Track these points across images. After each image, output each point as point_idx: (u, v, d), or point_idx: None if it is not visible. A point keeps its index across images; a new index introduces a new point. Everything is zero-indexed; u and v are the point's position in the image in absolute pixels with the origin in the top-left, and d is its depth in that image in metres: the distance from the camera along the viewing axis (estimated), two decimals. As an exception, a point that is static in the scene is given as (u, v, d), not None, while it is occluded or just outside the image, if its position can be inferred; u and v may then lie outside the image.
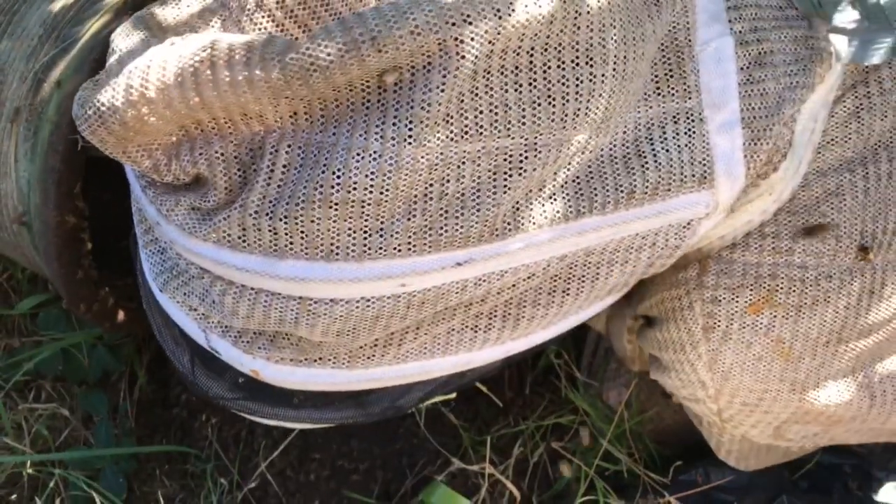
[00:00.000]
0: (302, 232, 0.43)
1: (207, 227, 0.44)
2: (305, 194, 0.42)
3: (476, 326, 0.50)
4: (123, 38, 0.47)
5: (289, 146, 0.43)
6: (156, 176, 0.45)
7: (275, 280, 0.45)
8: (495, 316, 0.49)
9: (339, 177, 0.41)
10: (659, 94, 0.47)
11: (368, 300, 0.45)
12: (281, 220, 0.43)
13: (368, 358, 0.50)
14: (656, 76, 0.47)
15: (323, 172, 0.42)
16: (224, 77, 0.40)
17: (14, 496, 0.76)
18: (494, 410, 0.82)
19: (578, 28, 0.43)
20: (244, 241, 0.44)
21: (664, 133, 0.47)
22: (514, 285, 0.47)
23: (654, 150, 0.47)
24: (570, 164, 0.45)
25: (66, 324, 0.81)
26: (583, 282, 0.49)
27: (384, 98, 0.41)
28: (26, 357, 0.79)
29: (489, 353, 0.51)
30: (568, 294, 0.49)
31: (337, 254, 0.43)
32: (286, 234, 0.43)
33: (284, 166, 0.43)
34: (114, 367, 0.82)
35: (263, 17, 0.44)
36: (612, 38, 0.44)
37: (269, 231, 0.43)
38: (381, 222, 0.43)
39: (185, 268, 0.48)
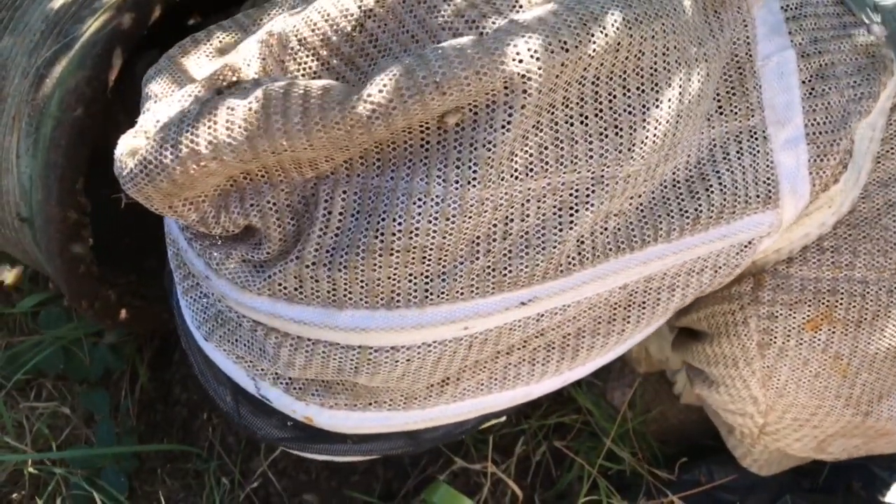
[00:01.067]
0: (362, 281, 0.41)
1: (261, 280, 0.43)
2: (365, 242, 0.40)
3: (534, 360, 0.48)
4: (158, 83, 0.45)
5: (344, 192, 0.41)
6: (203, 229, 0.43)
7: (334, 331, 0.43)
8: (553, 348, 0.48)
9: (399, 223, 0.40)
10: (721, 114, 0.46)
11: (430, 345, 0.43)
12: (340, 270, 0.41)
13: (425, 399, 0.48)
14: (718, 95, 0.46)
15: (382, 219, 0.40)
16: (278, 128, 0.38)
17: (15, 495, 0.76)
18: (498, 409, 0.82)
19: (643, 53, 0.41)
20: (301, 293, 0.42)
21: (727, 154, 0.45)
22: (574, 318, 0.46)
23: (717, 171, 0.45)
24: (635, 193, 0.43)
25: (67, 322, 0.81)
26: (643, 308, 0.48)
27: (445, 139, 0.39)
28: (27, 355, 0.79)
29: (547, 384, 0.50)
30: (628, 321, 0.48)
31: (398, 301, 0.42)
32: (345, 284, 0.41)
33: (341, 214, 0.41)
34: (115, 366, 0.82)
35: (307, 55, 0.42)
36: (675, 62, 0.42)
37: (328, 282, 0.41)
38: (444, 266, 0.41)
39: (235, 319, 0.46)
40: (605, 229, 0.43)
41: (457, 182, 0.39)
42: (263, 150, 0.38)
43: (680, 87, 0.42)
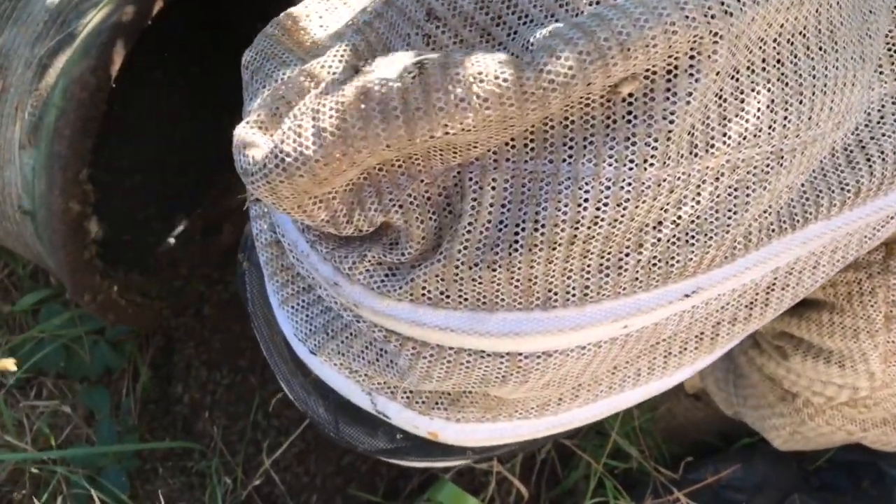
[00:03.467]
0: (517, 280, 0.36)
1: (402, 284, 0.37)
2: (523, 236, 0.35)
3: (669, 352, 0.44)
4: (267, 66, 0.39)
5: (493, 180, 0.36)
6: (332, 229, 0.37)
7: (482, 338, 0.38)
8: (690, 339, 0.44)
9: (564, 212, 0.34)
10: (881, 74, 0.41)
11: (584, 348, 0.39)
12: (493, 268, 0.36)
13: (558, 404, 0.44)
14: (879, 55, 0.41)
15: (544, 208, 0.35)
16: (441, 108, 0.32)
17: (16, 494, 0.75)
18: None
19: (821, 5, 0.36)
20: (447, 297, 0.37)
21: (882, 119, 0.41)
22: (724, 307, 0.42)
23: (876, 138, 0.40)
24: (802, 167, 0.39)
25: (68, 320, 0.80)
26: (784, 290, 0.43)
27: (612, 113, 0.34)
28: (28, 353, 0.78)
29: (678, 376, 0.46)
30: (767, 306, 0.44)
31: (555, 301, 0.37)
32: (498, 284, 0.36)
33: (491, 205, 0.36)
34: (116, 364, 0.81)
35: (436, 26, 0.36)
36: (849, 16, 0.37)
37: (478, 283, 0.36)
38: (608, 259, 0.36)
39: (365, 330, 0.42)
40: (770, 209, 0.39)
41: (631, 162, 0.34)
42: (422, 134, 0.32)
43: (856, 44, 0.38)
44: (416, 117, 0.32)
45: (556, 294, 0.37)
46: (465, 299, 0.37)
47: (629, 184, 0.34)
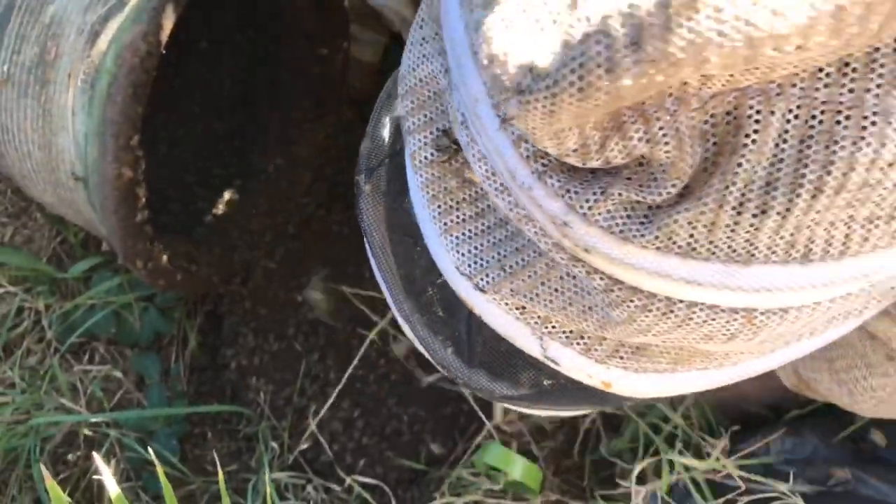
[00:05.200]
0: (786, 229, 0.32)
1: (651, 229, 0.33)
2: (809, 179, 0.30)
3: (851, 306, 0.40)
4: None
5: (777, 109, 0.30)
6: (577, 160, 0.32)
7: (725, 291, 0.34)
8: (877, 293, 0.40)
9: (865, 153, 0.30)
10: None
11: (820, 304, 0.35)
12: (763, 215, 0.31)
13: (740, 354, 0.41)
14: None
15: (841, 146, 0.30)
16: (806, 23, 0.26)
17: (70, 455, 0.77)
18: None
19: None
20: (700, 246, 0.33)
21: None
22: None
23: None
24: None
25: (118, 286, 0.81)
26: None
27: None
28: (80, 319, 0.80)
29: (846, 327, 0.42)
30: None
31: (814, 253, 0.33)
32: (762, 233, 0.32)
33: (775, 139, 0.31)
34: (165, 330, 0.83)
35: None
36: None
37: (740, 231, 0.32)
38: (882, 208, 0.32)
39: (545, 266, 0.38)
40: None
41: None
42: (762, 53, 0.26)
43: None
44: (759, 34, 0.26)
45: (816, 246, 0.33)
46: (719, 249, 0.33)
47: None
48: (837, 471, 0.75)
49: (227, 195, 0.81)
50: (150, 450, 0.58)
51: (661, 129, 0.31)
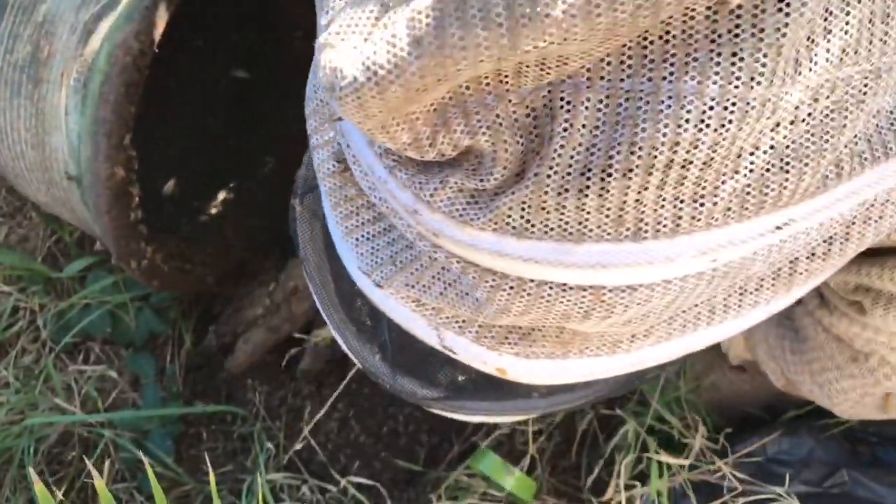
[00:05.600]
0: (607, 208, 0.34)
1: (486, 212, 0.36)
2: (618, 160, 0.33)
3: (744, 289, 0.42)
4: None
5: (587, 100, 0.33)
6: (414, 153, 0.36)
7: (566, 269, 0.37)
8: (767, 276, 0.42)
9: (664, 133, 0.32)
10: None
11: (670, 282, 0.37)
12: (584, 195, 0.34)
13: (630, 342, 0.43)
14: None
15: (643, 130, 0.32)
16: (547, 13, 0.29)
17: (65, 455, 0.77)
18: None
19: None
20: (532, 227, 0.36)
21: None
22: (808, 242, 0.40)
23: None
24: (891, 88, 0.36)
25: (113, 286, 0.81)
26: (866, 224, 0.41)
27: (716, 27, 0.31)
28: (75, 319, 0.79)
29: (753, 317, 0.44)
30: (848, 240, 0.41)
31: (646, 231, 0.35)
32: (589, 212, 0.35)
33: (583, 126, 0.33)
34: (160, 330, 0.82)
35: None
36: None
37: (568, 211, 0.35)
38: (703, 187, 0.34)
39: (441, 260, 0.40)
40: (860, 135, 0.37)
41: (737, 79, 0.31)
42: (525, 44, 0.30)
43: None
44: (520, 24, 0.29)
45: (646, 224, 0.35)
46: (551, 229, 0.35)
47: (734, 104, 0.32)
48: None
49: (221, 194, 0.81)
50: (143, 452, 0.58)
51: (478, 122, 0.34)
